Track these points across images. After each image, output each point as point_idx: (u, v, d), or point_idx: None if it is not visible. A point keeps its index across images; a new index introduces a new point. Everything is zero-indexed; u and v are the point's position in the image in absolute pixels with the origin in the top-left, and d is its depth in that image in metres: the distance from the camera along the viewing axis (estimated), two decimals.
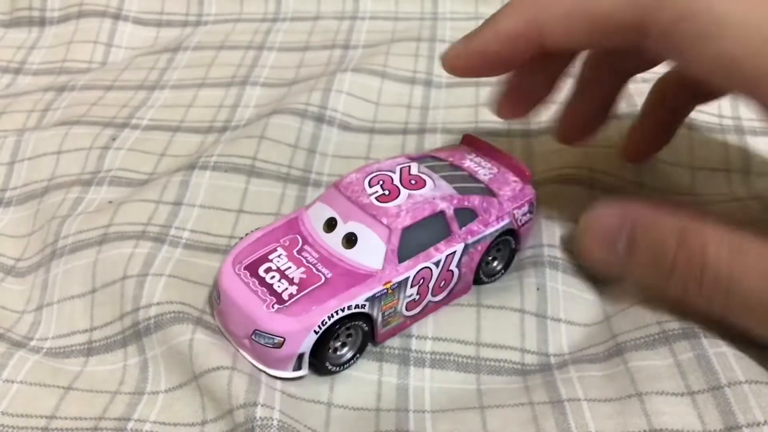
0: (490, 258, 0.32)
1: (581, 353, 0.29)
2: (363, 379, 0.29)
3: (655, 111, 0.36)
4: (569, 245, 0.33)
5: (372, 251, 0.29)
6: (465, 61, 0.30)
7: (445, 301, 0.31)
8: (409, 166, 0.32)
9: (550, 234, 0.33)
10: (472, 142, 0.35)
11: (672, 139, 0.36)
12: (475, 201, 0.31)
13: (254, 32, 0.52)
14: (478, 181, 0.32)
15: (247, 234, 0.31)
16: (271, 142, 0.39)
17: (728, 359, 0.26)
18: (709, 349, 0.26)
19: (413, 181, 0.31)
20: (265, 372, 0.28)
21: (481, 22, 0.51)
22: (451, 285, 0.31)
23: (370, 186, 0.30)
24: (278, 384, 0.28)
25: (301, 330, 0.27)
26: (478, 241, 0.31)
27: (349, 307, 0.28)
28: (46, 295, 0.33)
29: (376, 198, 0.30)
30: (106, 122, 0.43)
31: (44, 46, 0.53)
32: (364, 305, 0.28)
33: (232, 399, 0.26)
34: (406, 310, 0.30)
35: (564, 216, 0.34)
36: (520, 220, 0.32)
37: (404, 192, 0.30)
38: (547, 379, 0.28)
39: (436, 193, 0.30)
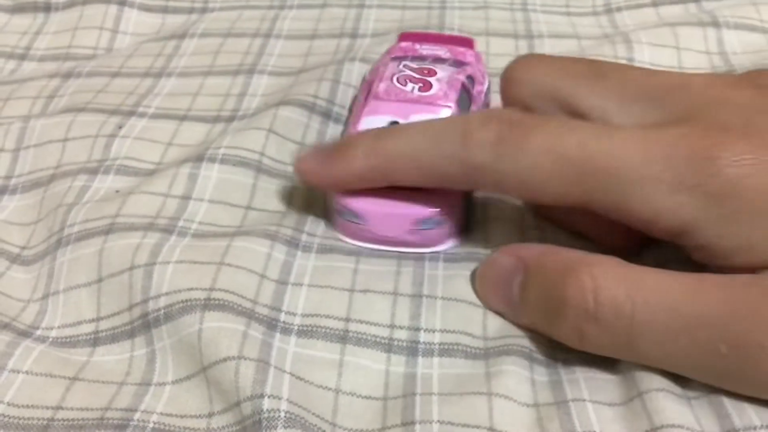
0: None
1: (585, 353, 0.29)
2: (371, 369, 0.28)
3: None
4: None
5: None
6: (319, 182, 0.32)
7: None
8: (408, 64, 0.37)
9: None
10: (410, 36, 0.40)
11: None
12: (468, 69, 0.37)
13: (261, 20, 0.52)
14: (446, 59, 0.38)
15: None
16: (278, 137, 0.39)
17: None
18: None
19: (426, 71, 0.36)
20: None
21: (489, 11, 0.52)
22: None
23: (404, 85, 0.35)
24: (287, 366, 0.28)
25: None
26: (483, 99, 0.38)
27: None
28: (51, 284, 0.33)
29: (419, 91, 0.34)
30: (112, 110, 0.43)
31: (49, 31, 0.52)
32: None
33: (239, 391, 0.26)
34: None
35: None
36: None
37: (432, 80, 0.35)
38: (553, 378, 0.27)
39: (448, 73, 0.36)
